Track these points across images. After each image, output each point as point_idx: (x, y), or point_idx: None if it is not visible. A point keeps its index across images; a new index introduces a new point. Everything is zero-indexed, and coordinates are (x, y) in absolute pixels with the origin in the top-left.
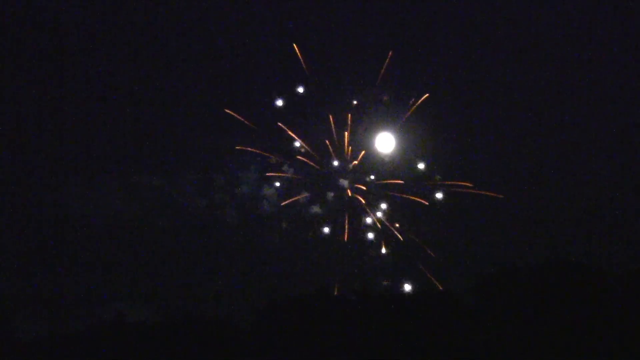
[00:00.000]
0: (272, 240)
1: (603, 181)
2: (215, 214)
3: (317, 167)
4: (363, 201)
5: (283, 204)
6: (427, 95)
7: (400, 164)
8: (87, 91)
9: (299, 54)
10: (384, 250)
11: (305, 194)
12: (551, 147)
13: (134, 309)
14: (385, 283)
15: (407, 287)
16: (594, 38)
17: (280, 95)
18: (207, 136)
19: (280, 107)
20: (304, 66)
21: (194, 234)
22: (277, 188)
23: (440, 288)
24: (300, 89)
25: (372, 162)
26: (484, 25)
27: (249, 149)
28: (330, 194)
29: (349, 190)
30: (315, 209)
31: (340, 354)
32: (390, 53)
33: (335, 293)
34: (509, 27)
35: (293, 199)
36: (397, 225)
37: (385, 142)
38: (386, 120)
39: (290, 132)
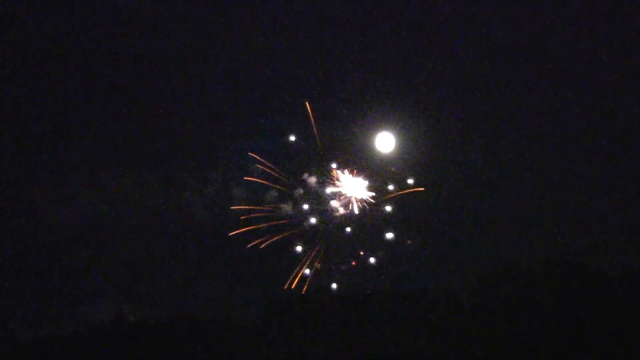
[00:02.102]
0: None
1: (603, 181)
2: (186, 214)
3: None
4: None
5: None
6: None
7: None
8: (56, 90)
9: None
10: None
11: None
12: (551, 146)
13: (114, 308)
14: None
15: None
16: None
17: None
18: (177, 135)
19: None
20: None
21: (168, 234)
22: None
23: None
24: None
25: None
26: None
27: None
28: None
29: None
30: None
31: (338, 353)
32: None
33: (333, 292)
34: (507, 29)
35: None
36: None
37: (385, 142)
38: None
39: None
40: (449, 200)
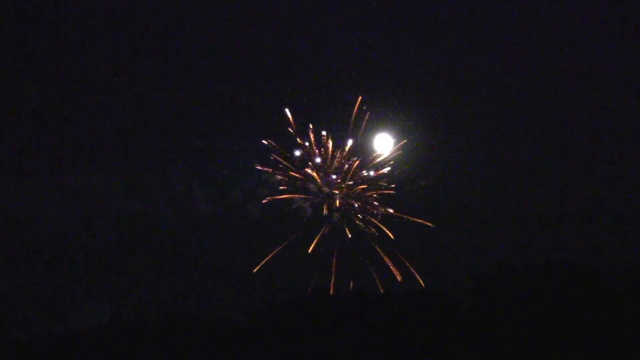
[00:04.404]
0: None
1: (603, 181)
2: (151, 215)
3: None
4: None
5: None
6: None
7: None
8: (22, 88)
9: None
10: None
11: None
12: (551, 146)
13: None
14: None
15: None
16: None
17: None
18: (143, 136)
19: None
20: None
21: (128, 235)
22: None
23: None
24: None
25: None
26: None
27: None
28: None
29: (337, 201)
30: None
31: (337, 353)
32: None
33: (331, 292)
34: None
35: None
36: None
37: (383, 143)
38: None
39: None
40: (448, 200)
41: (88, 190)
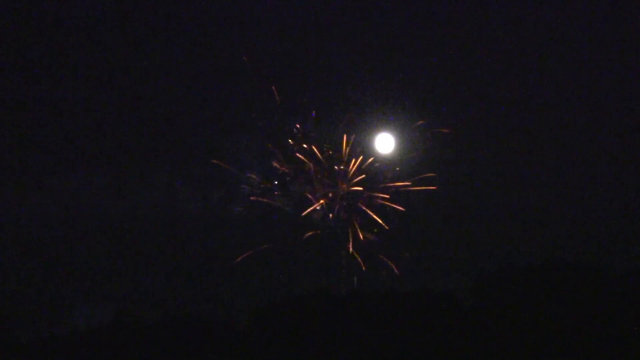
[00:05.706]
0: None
1: (603, 181)
2: (139, 215)
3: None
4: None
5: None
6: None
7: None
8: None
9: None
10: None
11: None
12: (550, 146)
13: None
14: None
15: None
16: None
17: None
18: (124, 135)
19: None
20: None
21: (112, 236)
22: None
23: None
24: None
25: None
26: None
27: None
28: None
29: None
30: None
31: (337, 354)
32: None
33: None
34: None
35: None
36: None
37: (385, 144)
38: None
39: None
40: (448, 200)
41: (71, 191)
